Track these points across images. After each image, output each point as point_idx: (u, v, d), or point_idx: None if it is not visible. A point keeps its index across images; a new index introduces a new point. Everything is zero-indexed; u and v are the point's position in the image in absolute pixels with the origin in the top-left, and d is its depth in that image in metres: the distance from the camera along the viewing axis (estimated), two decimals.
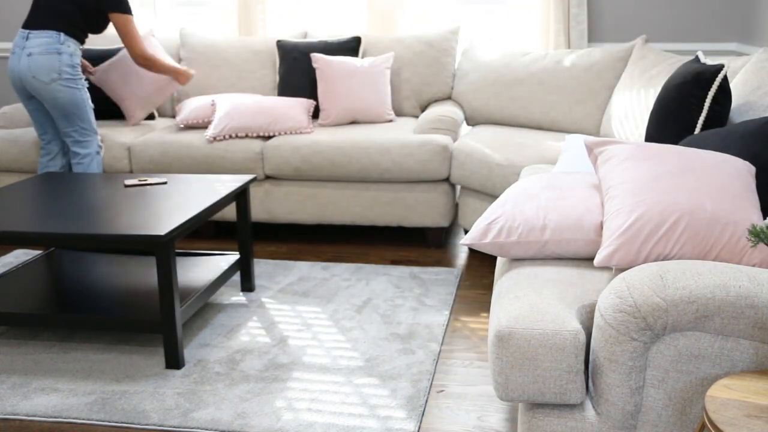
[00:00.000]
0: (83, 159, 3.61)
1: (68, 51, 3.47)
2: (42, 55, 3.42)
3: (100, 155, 3.67)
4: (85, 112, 3.57)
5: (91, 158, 3.63)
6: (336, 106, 3.95)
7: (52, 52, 3.43)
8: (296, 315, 2.99)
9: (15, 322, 2.63)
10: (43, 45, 3.43)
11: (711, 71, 2.35)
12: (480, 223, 2.09)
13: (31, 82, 3.46)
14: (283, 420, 2.23)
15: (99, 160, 3.66)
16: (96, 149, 3.65)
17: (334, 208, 3.75)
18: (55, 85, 3.45)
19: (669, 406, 1.57)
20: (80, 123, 3.57)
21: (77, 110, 3.54)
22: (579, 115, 3.75)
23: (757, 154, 1.93)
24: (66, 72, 3.46)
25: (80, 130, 3.58)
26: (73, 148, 3.61)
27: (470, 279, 3.37)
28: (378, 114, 4.00)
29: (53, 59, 3.43)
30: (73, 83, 3.49)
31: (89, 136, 3.62)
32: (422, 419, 2.25)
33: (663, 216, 1.70)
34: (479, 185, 3.46)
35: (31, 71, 3.44)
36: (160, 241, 2.39)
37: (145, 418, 2.26)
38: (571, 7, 4.21)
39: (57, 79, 3.44)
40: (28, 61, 3.44)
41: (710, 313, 1.50)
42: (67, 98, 3.49)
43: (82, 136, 3.60)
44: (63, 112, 3.52)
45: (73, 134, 3.59)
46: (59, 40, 3.44)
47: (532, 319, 1.63)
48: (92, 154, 3.64)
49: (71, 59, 3.48)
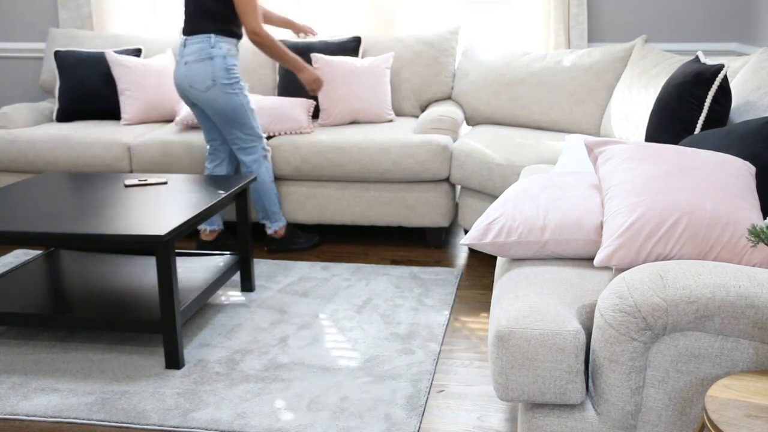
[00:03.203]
0: (251, 165, 3.52)
1: (221, 54, 3.33)
2: (196, 63, 3.33)
3: (267, 159, 3.56)
4: (246, 117, 3.44)
5: (259, 164, 3.53)
6: (336, 106, 3.95)
7: (205, 59, 3.32)
8: (296, 315, 2.99)
9: (15, 322, 2.63)
10: (196, 52, 3.33)
11: (711, 71, 2.35)
12: (480, 223, 2.09)
13: (189, 92, 3.38)
14: (283, 420, 2.23)
15: (268, 166, 3.56)
16: (262, 153, 3.53)
17: (334, 208, 3.75)
18: (211, 93, 3.34)
19: (669, 406, 1.57)
20: (242, 128, 3.46)
21: (236, 116, 3.42)
22: (579, 115, 3.75)
23: (757, 154, 1.93)
24: (221, 77, 3.33)
25: (243, 136, 3.47)
26: (238, 155, 3.52)
27: (470, 279, 3.37)
28: (378, 114, 4.00)
29: (206, 66, 3.33)
30: (229, 89, 3.36)
31: (253, 142, 3.50)
32: (422, 419, 2.25)
33: (663, 216, 1.70)
34: (479, 185, 3.46)
35: (188, 80, 3.35)
36: (160, 241, 2.39)
37: (145, 418, 2.26)
38: (571, 7, 4.21)
39: (212, 86, 3.33)
40: (186, 69, 3.35)
41: (710, 313, 1.50)
42: (226, 104, 3.38)
43: (246, 142, 3.49)
44: (224, 118, 3.42)
45: (237, 141, 3.48)
46: (210, 44, 3.32)
47: (532, 319, 1.63)
48: (258, 159, 3.52)
49: (225, 62, 3.34)
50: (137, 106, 4.18)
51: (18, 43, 4.91)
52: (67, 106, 4.27)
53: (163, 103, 4.22)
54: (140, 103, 4.18)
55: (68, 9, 4.70)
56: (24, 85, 4.98)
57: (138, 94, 4.17)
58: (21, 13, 4.87)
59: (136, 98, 4.18)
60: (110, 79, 4.24)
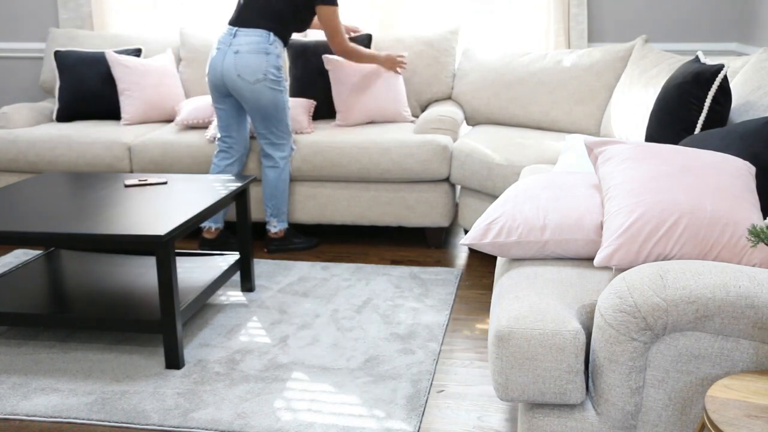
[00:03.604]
0: (279, 162, 3.54)
1: (276, 52, 3.38)
2: (250, 53, 3.33)
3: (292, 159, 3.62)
4: (285, 116, 3.50)
5: (286, 161, 3.57)
6: (353, 108, 3.93)
7: (261, 52, 3.33)
8: (296, 315, 2.99)
9: (15, 322, 2.63)
10: (253, 44, 3.34)
11: (711, 71, 2.35)
12: (480, 223, 2.09)
13: (235, 81, 3.37)
14: (283, 420, 2.23)
15: (289, 169, 3.61)
16: (290, 152, 3.59)
17: (334, 208, 3.75)
18: (259, 86, 3.36)
19: (669, 406, 1.57)
20: (278, 125, 3.49)
21: (277, 112, 3.46)
22: (579, 115, 3.75)
23: (757, 154, 1.93)
24: (272, 73, 3.37)
25: (277, 132, 3.50)
26: (268, 150, 3.53)
27: (470, 279, 3.37)
28: (396, 114, 3.97)
29: (261, 59, 3.34)
30: (277, 85, 3.41)
31: (284, 139, 3.54)
32: (422, 419, 2.25)
33: (663, 216, 1.70)
34: (479, 185, 3.46)
35: (237, 69, 3.35)
36: (160, 241, 2.39)
37: (145, 418, 2.26)
38: (571, 7, 4.21)
39: (262, 79, 3.35)
40: (235, 58, 3.34)
41: (710, 313, 1.50)
42: (270, 100, 3.41)
43: (278, 139, 3.52)
44: (263, 113, 3.44)
45: (270, 136, 3.50)
46: (269, 41, 3.35)
47: (532, 319, 1.63)
48: (287, 157, 3.57)
49: (277, 61, 3.40)
50: (137, 106, 4.18)
51: (18, 43, 4.91)
52: (67, 106, 4.27)
53: (163, 103, 4.22)
54: (140, 103, 4.18)
55: (68, 9, 4.70)
56: (24, 85, 4.98)
57: (138, 94, 4.18)
58: (21, 13, 4.87)
59: (136, 98, 4.18)
60: (110, 79, 4.24)
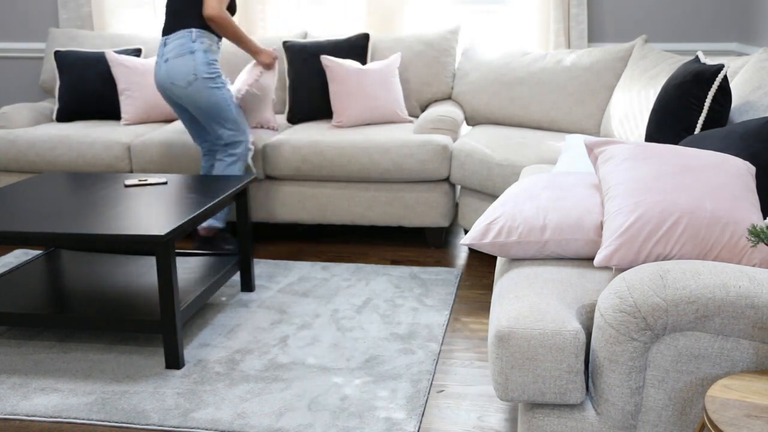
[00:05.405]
0: (227, 159, 3.45)
1: (201, 48, 3.30)
2: (176, 58, 3.29)
3: (248, 157, 3.51)
4: (229, 111, 3.39)
5: (237, 159, 3.46)
6: (350, 109, 3.92)
7: (185, 54, 3.28)
8: (296, 315, 2.99)
9: (15, 322, 2.63)
10: (177, 47, 3.29)
11: (711, 71, 2.35)
12: (480, 223, 2.09)
13: (171, 89, 3.34)
14: (283, 420, 2.23)
15: (241, 166, 3.50)
16: (244, 151, 3.49)
17: (334, 208, 3.75)
18: (192, 89, 3.30)
19: (669, 406, 1.57)
20: (225, 123, 3.41)
21: (220, 110, 3.37)
22: (579, 115, 3.75)
23: (757, 154, 1.93)
24: (202, 72, 3.29)
25: (227, 131, 3.43)
26: (219, 154, 3.47)
27: (470, 279, 3.37)
28: (394, 114, 3.97)
29: (187, 61, 3.28)
30: (211, 83, 3.32)
31: (238, 137, 3.45)
32: (422, 419, 2.25)
33: (663, 216, 1.70)
34: (479, 185, 3.46)
35: (169, 77, 3.31)
36: (160, 241, 2.39)
37: (145, 418, 2.26)
38: (571, 7, 4.21)
39: (194, 81, 3.29)
40: (166, 67, 3.31)
41: (710, 313, 1.50)
42: (208, 99, 3.33)
43: (233, 137, 3.44)
44: (206, 114, 3.38)
45: (222, 137, 3.44)
46: (191, 38, 3.29)
47: (532, 319, 1.63)
48: (239, 154, 3.46)
49: (206, 56, 3.31)
50: (137, 106, 4.18)
51: (18, 43, 4.91)
52: (67, 106, 4.27)
53: (163, 103, 4.22)
54: (140, 103, 4.18)
55: (68, 9, 4.70)
56: (24, 85, 4.98)
57: (138, 94, 4.18)
58: (21, 13, 4.87)
59: (136, 98, 4.18)
60: (110, 79, 4.24)
